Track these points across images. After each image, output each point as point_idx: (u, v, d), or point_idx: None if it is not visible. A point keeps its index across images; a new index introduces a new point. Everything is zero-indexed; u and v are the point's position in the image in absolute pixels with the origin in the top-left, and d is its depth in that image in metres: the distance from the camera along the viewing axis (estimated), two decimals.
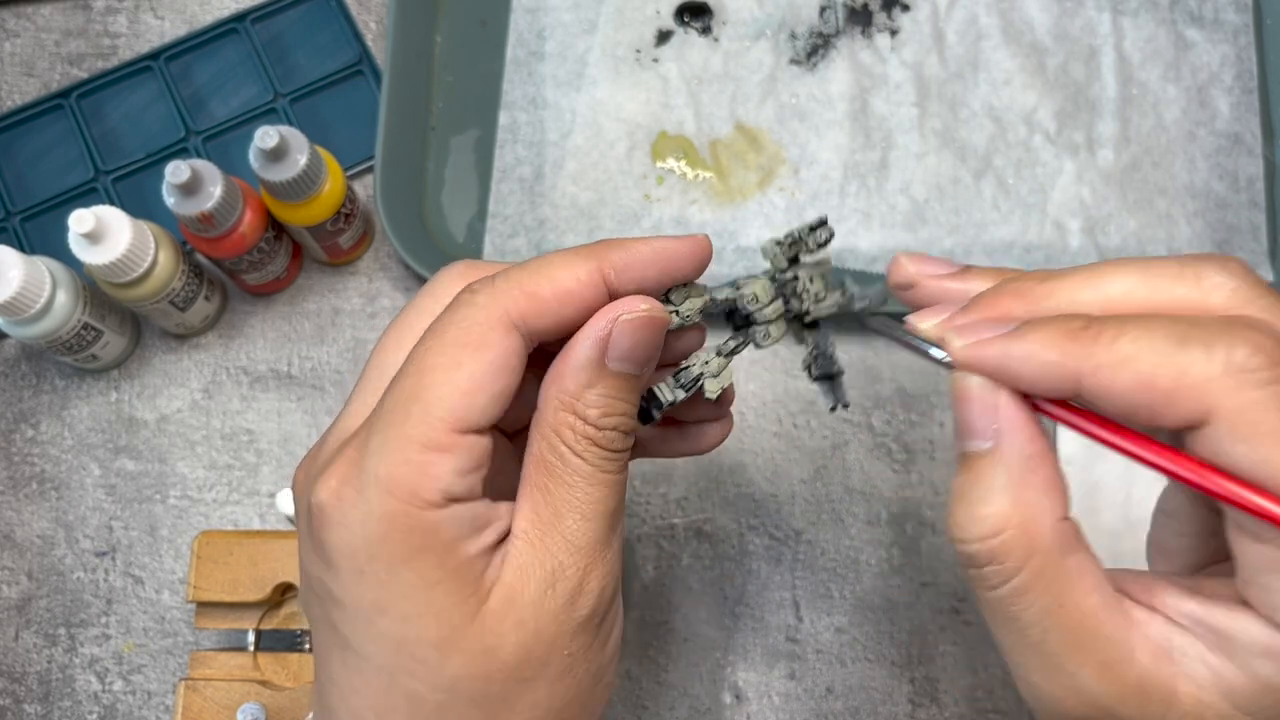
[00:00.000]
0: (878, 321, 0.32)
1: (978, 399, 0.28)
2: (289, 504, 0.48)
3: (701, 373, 0.34)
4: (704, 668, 0.50)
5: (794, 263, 0.34)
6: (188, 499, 0.53)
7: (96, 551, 0.53)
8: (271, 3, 0.59)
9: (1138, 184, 0.55)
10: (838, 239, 0.54)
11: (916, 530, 0.51)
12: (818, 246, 0.34)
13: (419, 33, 0.57)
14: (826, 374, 0.35)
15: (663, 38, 0.58)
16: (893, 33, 0.57)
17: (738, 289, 0.34)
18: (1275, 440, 0.24)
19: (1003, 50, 0.56)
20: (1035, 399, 0.28)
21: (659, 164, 0.56)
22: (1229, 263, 0.27)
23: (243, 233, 0.49)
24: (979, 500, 0.27)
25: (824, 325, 0.35)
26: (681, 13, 0.58)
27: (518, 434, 0.35)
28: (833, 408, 0.35)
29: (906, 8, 0.57)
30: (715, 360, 0.34)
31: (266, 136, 0.47)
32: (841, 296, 0.34)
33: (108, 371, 0.55)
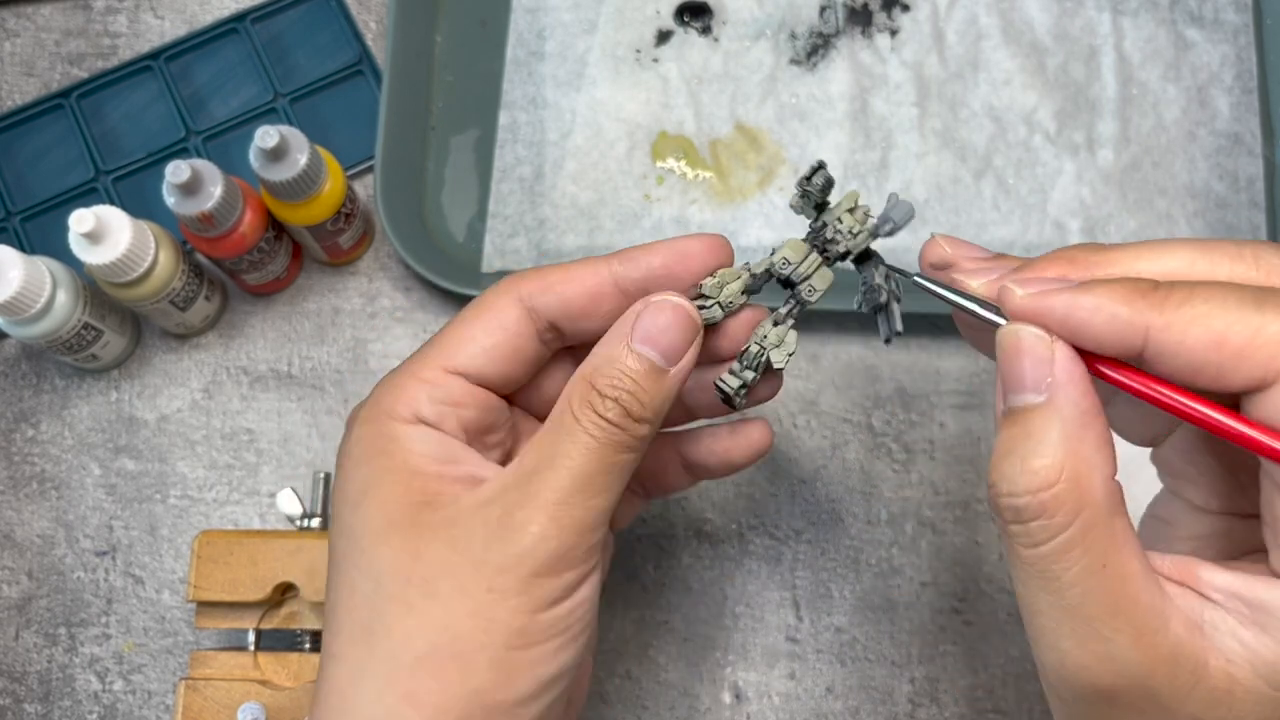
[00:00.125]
0: (928, 280, 0.31)
1: (1030, 351, 0.28)
2: (289, 503, 0.49)
3: (762, 347, 0.34)
4: (704, 668, 0.50)
5: (821, 209, 0.34)
6: (188, 499, 0.53)
7: (97, 551, 0.53)
8: (271, 3, 0.59)
9: (1138, 184, 0.55)
10: None
11: (916, 530, 0.51)
12: (819, 190, 0.34)
13: (419, 33, 0.57)
14: (875, 305, 0.34)
15: (663, 38, 0.58)
16: (893, 33, 0.57)
17: (771, 256, 0.34)
18: None
19: (1003, 50, 0.56)
20: (1088, 356, 0.28)
21: (659, 164, 0.56)
22: None
23: (243, 233, 0.49)
24: (1031, 453, 0.27)
25: (874, 257, 0.34)
26: (681, 13, 0.58)
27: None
28: (887, 339, 0.34)
29: (906, 8, 0.57)
30: (773, 331, 0.34)
31: (267, 136, 0.47)
32: (865, 223, 0.34)
33: (108, 371, 0.55)
